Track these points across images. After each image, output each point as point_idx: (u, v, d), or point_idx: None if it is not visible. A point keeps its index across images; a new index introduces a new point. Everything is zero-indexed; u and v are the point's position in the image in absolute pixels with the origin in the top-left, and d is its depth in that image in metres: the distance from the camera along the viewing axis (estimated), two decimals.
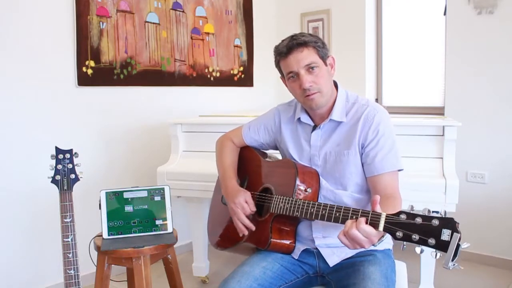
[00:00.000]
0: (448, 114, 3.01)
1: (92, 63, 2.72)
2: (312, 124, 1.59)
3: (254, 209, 1.60)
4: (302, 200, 1.43)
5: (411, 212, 1.10)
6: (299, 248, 1.55)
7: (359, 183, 1.52)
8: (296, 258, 1.55)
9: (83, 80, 2.69)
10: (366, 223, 1.18)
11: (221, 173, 1.77)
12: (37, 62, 2.51)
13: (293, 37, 1.51)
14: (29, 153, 2.49)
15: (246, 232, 1.59)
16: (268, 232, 1.52)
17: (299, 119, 1.61)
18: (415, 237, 1.07)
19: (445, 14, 3.05)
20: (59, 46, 2.59)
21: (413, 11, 3.38)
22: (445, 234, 1.02)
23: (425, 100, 3.34)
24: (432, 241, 1.04)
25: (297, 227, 1.57)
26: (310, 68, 1.48)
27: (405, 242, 1.10)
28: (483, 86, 2.92)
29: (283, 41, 1.54)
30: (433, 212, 2.10)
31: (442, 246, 1.03)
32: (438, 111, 3.16)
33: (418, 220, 1.07)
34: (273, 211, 1.52)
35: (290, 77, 1.53)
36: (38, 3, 2.49)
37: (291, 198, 1.47)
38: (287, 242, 1.54)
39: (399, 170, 1.50)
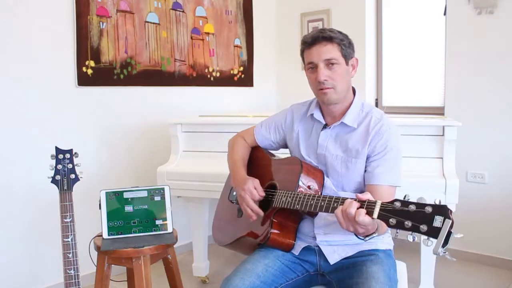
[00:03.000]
0: (448, 114, 3.01)
1: (92, 63, 2.72)
2: (324, 122, 1.61)
3: (262, 194, 1.60)
4: (304, 193, 1.44)
5: (406, 200, 1.12)
6: (300, 245, 1.56)
7: (359, 186, 1.55)
8: (297, 254, 1.55)
9: (83, 80, 2.69)
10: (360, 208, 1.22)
11: (230, 165, 1.79)
12: (37, 62, 2.51)
13: (321, 30, 1.54)
14: (29, 153, 2.49)
15: (255, 217, 1.58)
16: (268, 225, 1.53)
17: (312, 115, 1.64)
18: (408, 223, 1.08)
19: (445, 14, 3.05)
20: (59, 46, 2.59)
21: (413, 11, 3.38)
22: (437, 221, 1.04)
23: (425, 100, 3.34)
24: (424, 227, 1.05)
25: (299, 224, 1.58)
26: (330, 63, 1.50)
27: (398, 230, 1.11)
28: (483, 86, 2.92)
29: (311, 32, 1.58)
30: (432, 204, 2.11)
31: (433, 232, 1.04)
32: (438, 111, 3.16)
33: (412, 207, 1.09)
34: (276, 205, 1.53)
35: (309, 68, 1.55)
36: (38, 3, 2.49)
37: (293, 192, 1.48)
38: (287, 238, 1.55)
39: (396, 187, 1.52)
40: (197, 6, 3.29)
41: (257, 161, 1.81)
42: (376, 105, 3.57)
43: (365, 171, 1.52)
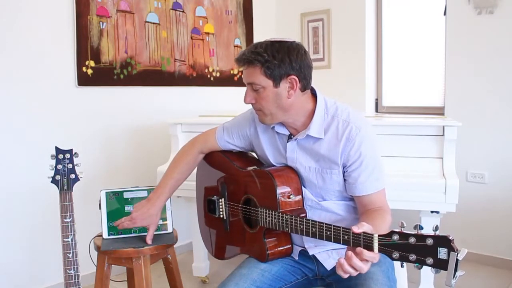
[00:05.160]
0: (448, 114, 3.01)
1: (92, 63, 2.72)
2: (287, 133, 1.51)
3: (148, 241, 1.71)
4: (290, 215, 1.38)
5: (403, 231, 1.08)
6: (297, 248, 1.54)
7: (340, 194, 1.49)
8: (297, 259, 1.54)
9: (83, 80, 2.69)
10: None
11: (161, 180, 1.73)
12: (37, 62, 2.51)
13: (245, 51, 1.43)
14: (29, 153, 2.49)
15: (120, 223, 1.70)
16: (263, 245, 1.49)
17: (273, 127, 1.53)
18: (412, 257, 1.06)
19: (445, 14, 3.05)
20: (59, 46, 2.59)
21: (413, 11, 3.38)
22: (442, 253, 1.02)
23: (425, 100, 3.34)
24: (430, 260, 1.03)
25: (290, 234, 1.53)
26: (253, 87, 1.43)
27: (402, 263, 1.09)
28: (483, 86, 2.92)
29: (243, 49, 1.48)
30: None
31: (441, 264, 1.02)
32: (438, 111, 3.16)
33: (412, 240, 1.06)
34: (263, 225, 1.48)
35: None
36: (38, 3, 2.49)
37: (277, 213, 1.41)
38: (285, 247, 1.51)
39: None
40: (197, 6, 3.29)
41: (222, 169, 1.71)
42: (376, 105, 3.57)
43: (345, 180, 1.44)
